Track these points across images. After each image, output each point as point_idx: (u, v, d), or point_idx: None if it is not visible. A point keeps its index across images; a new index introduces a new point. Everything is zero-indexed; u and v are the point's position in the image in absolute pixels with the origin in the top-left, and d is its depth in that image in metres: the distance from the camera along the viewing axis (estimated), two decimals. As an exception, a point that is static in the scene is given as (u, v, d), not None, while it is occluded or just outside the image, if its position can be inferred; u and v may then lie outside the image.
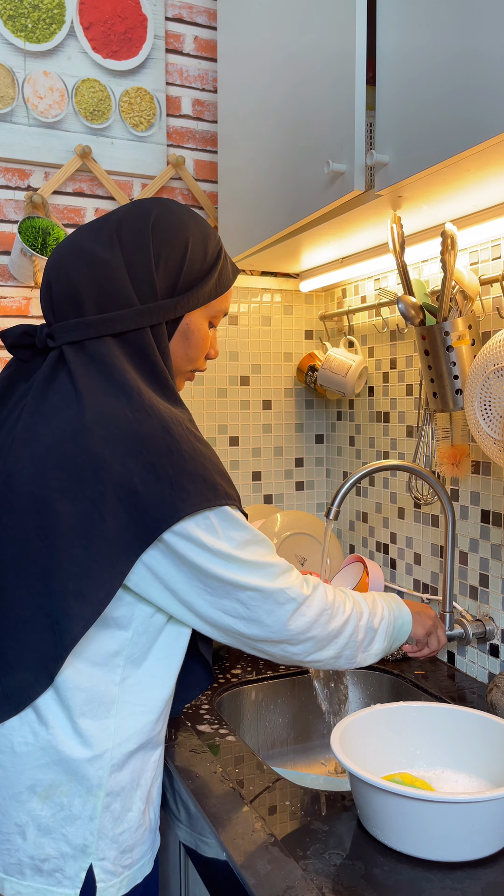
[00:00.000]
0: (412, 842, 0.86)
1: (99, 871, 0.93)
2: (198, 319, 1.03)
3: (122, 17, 1.72)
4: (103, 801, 0.93)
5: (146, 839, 0.99)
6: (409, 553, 1.64)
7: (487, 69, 0.88)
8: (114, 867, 0.94)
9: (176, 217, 1.00)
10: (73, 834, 0.92)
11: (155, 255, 0.97)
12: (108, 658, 0.94)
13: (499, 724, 1.00)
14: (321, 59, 1.23)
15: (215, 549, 0.90)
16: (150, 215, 0.99)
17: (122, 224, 0.98)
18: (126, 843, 0.95)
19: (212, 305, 1.04)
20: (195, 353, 1.04)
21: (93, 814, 0.93)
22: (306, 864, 0.85)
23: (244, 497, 1.91)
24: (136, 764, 0.96)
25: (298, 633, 0.96)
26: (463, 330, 1.26)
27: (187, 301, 1.00)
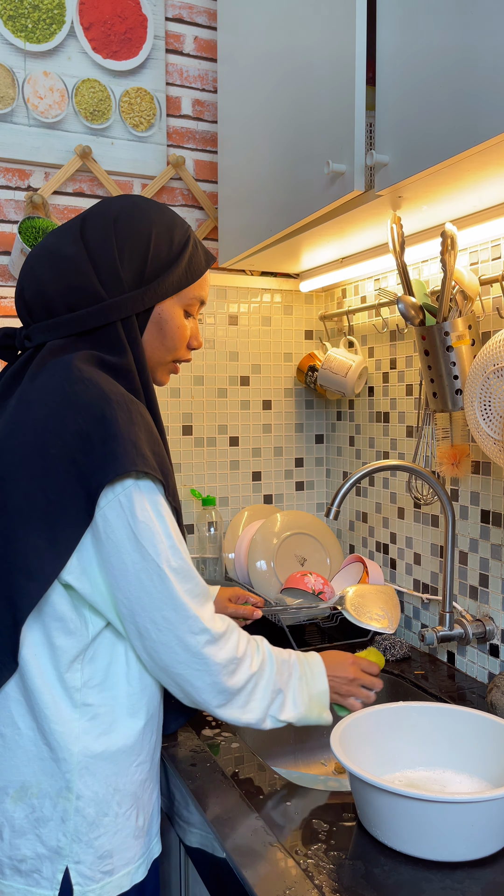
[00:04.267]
0: (412, 842, 0.86)
1: (75, 874, 0.93)
2: (171, 309, 1.03)
3: (122, 17, 1.72)
4: (74, 804, 0.93)
5: (131, 845, 0.97)
6: (409, 553, 1.64)
7: (487, 69, 0.88)
8: (91, 872, 0.94)
9: (139, 210, 1.01)
10: (46, 836, 0.93)
11: (118, 248, 0.98)
12: (70, 662, 0.94)
13: (499, 724, 1.00)
14: (321, 60, 1.23)
15: (141, 516, 0.90)
16: (113, 211, 1.01)
17: (85, 222, 1.00)
18: (104, 847, 0.94)
19: (184, 294, 1.04)
20: (171, 342, 1.04)
21: (64, 816, 0.93)
22: (306, 864, 0.85)
23: (244, 497, 1.91)
24: (110, 768, 0.95)
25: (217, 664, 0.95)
26: (463, 330, 1.26)
27: (156, 290, 1.00)
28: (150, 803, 1.02)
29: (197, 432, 1.85)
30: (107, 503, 0.89)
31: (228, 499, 1.89)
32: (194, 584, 0.94)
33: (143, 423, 0.92)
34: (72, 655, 0.94)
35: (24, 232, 1.55)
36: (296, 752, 1.44)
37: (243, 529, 1.83)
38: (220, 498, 1.88)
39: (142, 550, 0.90)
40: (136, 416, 0.91)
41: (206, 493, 1.86)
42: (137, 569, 0.90)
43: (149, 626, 0.92)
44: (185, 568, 0.93)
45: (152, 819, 1.02)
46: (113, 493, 0.89)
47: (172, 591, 0.91)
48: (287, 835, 0.91)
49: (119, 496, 0.89)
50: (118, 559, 0.90)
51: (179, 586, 0.91)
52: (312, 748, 1.45)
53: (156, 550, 0.90)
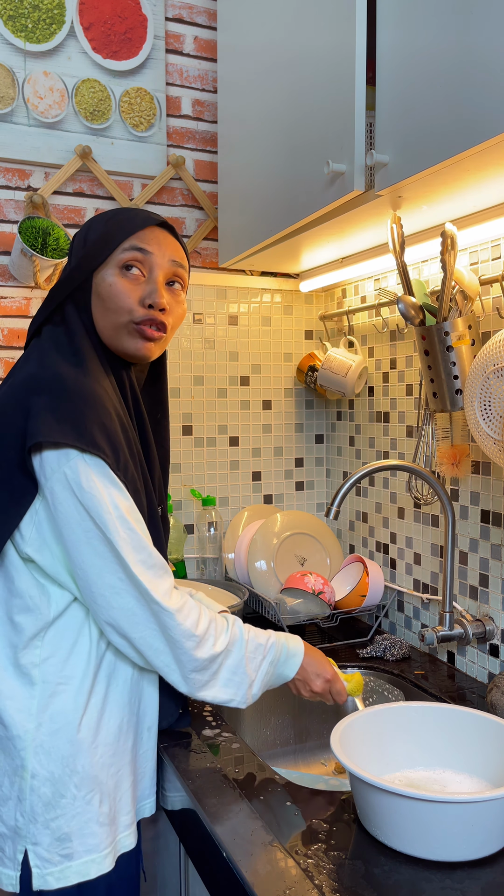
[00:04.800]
0: (412, 842, 0.86)
1: (33, 855, 0.94)
2: (104, 274, 1.04)
3: (122, 17, 1.72)
4: (29, 783, 0.94)
5: (95, 832, 0.97)
6: (409, 553, 1.64)
7: (487, 69, 0.88)
8: (49, 854, 0.94)
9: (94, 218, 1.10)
10: (5, 814, 0.96)
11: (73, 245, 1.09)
12: (29, 639, 0.96)
13: (499, 724, 1.00)
14: (321, 59, 1.23)
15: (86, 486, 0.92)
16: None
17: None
18: (61, 830, 0.95)
19: (116, 253, 1.03)
20: (111, 303, 1.03)
21: (20, 795, 0.95)
22: (306, 864, 0.85)
23: (244, 497, 1.91)
24: (67, 748, 0.95)
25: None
26: (463, 330, 1.26)
27: (82, 263, 1.05)
28: (119, 792, 1.01)
29: (197, 432, 1.85)
30: (52, 475, 0.92)
31: (228, 499, 1.89)
32: (146, 555, 0.95)
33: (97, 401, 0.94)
34: (31, 633, 0.96)
35: (24, 232, 1.55)
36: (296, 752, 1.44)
37: (243, 529, 1.83)
38: (220, 498, 1.88)
39: (89, 521, 0.92)
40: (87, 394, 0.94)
41: (206, 493, 1.86)
42: (89, 538, 0.92)
43: (105, 593, 0.93)
44: (136, 538, 0.94)
45: (121, 809, 1.01)
46: (58, 465, 0.92)
47: (123, 560, 0.92)
48: (287, 835, 0.91)
49: (64, 468, 0.92)
50: (69, 530, 0.92)
51: (131, 556, 0.93)
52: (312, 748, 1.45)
53: (103, 520, 0.92)
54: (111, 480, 0.94)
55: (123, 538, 0.93)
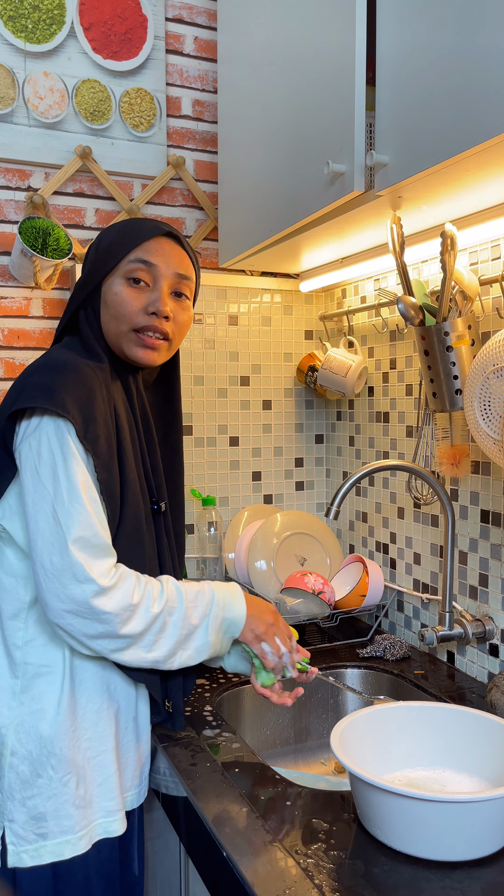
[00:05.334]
0: (412, 842, 0.86)
1: (9, 833, 0.97)
2: (111, 285, 1.08)
3: (123, 17, 1.72)
4: (8, 759, 0.97)
5: (70, 814, 0.99)
6: (409, 553, 1.64)
7: (487, 69, 0.88)
8: (24, 832, 0.97)
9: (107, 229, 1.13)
10: None
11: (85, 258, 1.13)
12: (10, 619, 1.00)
13: (499, 724, 1.00)
14: (321, 60, 1.23)
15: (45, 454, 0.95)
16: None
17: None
18: (37, 809, 0.97)
19: (122, 263, 1.07)
20: (116, 310, 1.07)
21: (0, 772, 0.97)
22: (306, 864, 0.85)
23: (244, 497, 1.91)
24: (47, 731, 0.97)
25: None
26: (462, 330, 1.26)
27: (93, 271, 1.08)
28: (100, 777, 1.03)
29: (197, 432, 1.85)
30: (21, 440, 0.96)
31: (228, 499, 1.89)
32: (90, 532, 0.95)
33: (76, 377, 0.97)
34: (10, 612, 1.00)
35: (24, 232, 1.55)
36: (296, 752, 1.45)
37: (243, 529, 1.83)
38: (220, 498, 1.88)
39: (39, 488, 0.94)
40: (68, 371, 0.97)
41: (206, 493, 1.86)
42: (36, 508, 0.94)
43: (39, 572, 0.94)
44: (80, 513, 0.94)
45: (100, 794, 1.03)
46: (27, 431, 0.96)
47: (61, 535, 0.93)
48: (287, 835, 0.92)
49: (30, 435, 0.95)
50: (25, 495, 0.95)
51: (71, 530, 0.93)
52: (312, 748, 1.45)
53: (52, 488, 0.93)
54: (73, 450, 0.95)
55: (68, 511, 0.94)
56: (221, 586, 1.08)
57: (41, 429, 0.95)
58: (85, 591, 0.93)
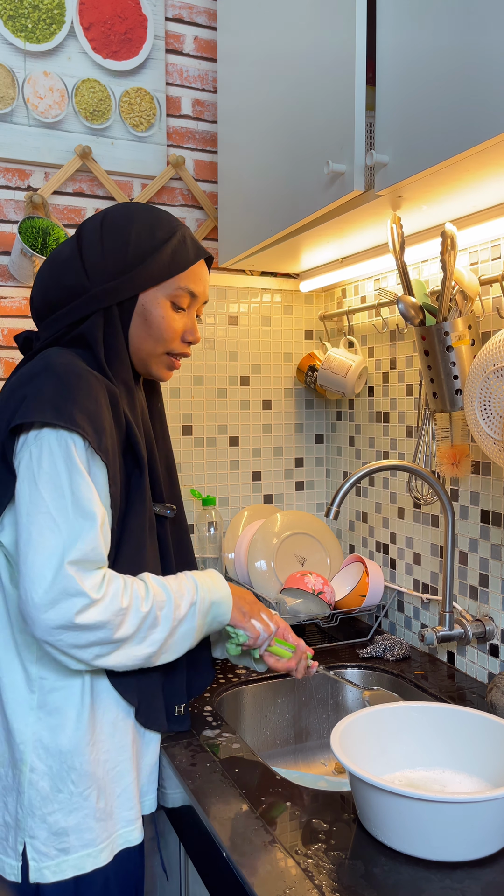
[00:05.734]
0: (412, 842, 0.86)
1: (30, 848, 0.96)
2: (155, 300, 1.04)
3: (122, 17, 1.72)
4: (28, 776, 0.95)
5: (91, 827, 0.98)
6: (409, 553, 1.64)
7: (487, 69, 0.88)
8: (45, 848, 0.96)
9: (124, 209, 1.07)
10: (10, 804, 0.97)
11: (102, 243, 1.04)
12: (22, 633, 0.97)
13: (499, 724, 1.00)
14: (321, 60, 1.23)
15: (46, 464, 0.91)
16: (102, 213, 1.08)
17: (81, 228, 1.08)
18: (58, 825, 0.96)
19: (169, 285, 1.05)
20: (157, 333, 1.06)
21: (20, 788, 0.96)
22: (306, 864, 0.85)
23: (244, 497, 1.91)
24: (66, 745, 0.96)
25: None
26: (463, 330, 1.26)
27: (133, 280, 1.02)
28: (118, 787, 1.02)
29: (197, 432, 1.85)
30: (20, 448, 0.93)
31: (228, 499, 1.89)
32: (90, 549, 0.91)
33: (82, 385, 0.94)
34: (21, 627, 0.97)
35: (24, 232, 1.55)
36: (296, 752, 1.45)
37: (243, 529, 1.83)
38: (220, 498, 1.88)
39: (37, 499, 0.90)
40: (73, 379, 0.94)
41: (206, 493, 1.86)
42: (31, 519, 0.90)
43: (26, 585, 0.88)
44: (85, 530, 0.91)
45: (120, 805, 1.02)
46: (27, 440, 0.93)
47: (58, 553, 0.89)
48: (287, 835, 0.91)
49: (31, 444, 0.92)
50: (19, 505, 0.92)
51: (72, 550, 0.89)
52: (312, 748, 1.45)
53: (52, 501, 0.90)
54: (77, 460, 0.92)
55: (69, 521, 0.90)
56: (200, 573, 1.07)
57: (42, 439, 0.92)
58: (76, 605, 0.89)
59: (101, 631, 0.91)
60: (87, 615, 0.89)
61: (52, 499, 0.90)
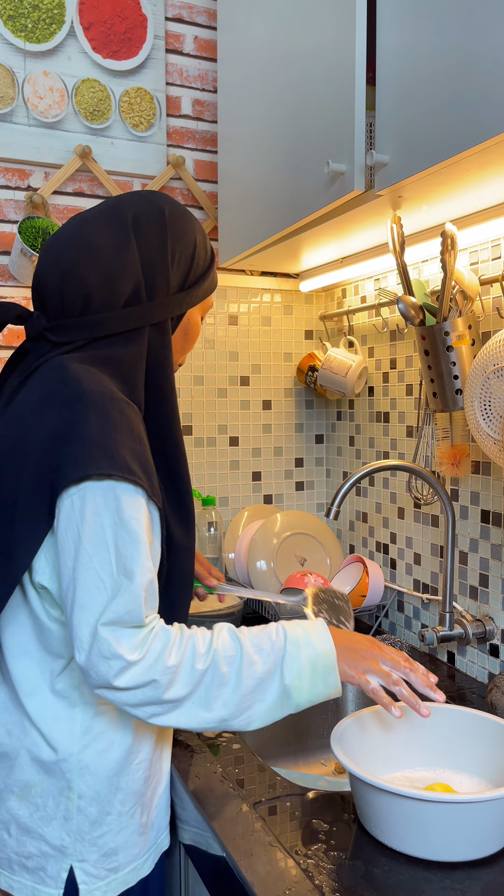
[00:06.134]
0: (412, 842, 0.86)
1: (80, 872, 0.93)
2: (196, 314, 1.04)
3: (122, 17, 1.72)
4: (76, 803, 0.93)
5: (136, 842, 0.97)
6: (409, 553, 1.64)
7: (488, 69, 0.88)
8: (96, 870, 0.94)
9: (184, 213, 1.01)
10: (50, 834, 0.93)
11: (171, 252, 0.96)
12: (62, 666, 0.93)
13: (499, 724, 1.00)
14: (321, 60, 1.23)
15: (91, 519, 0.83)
16: (165, 211, 0.98)
17: (138, 219, 0.96)
18: (108, 846, 0.94)
19: (206, 301, 1.06)
20: (189, 346, 1.06)
21: (67, 815, 0.93)
22: (306, 864, 0.85)
23: (244, 497, 1.91)
24: (113, 768, 0.94)
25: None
26: (463, 330, 1.26)
27: (192, 296, 1.00)
28: (156, 799, 1.01)
29: (197, 432, 1.85)
30: (62, 502, 0.84)
31: (228, 499, 1.89)
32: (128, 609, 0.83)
33: (125, 424, 0.86)
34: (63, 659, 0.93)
35: (24, 232, 1.54)
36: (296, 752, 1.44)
37: (243, 529, 1.83)
38: (220, 498, 1.88)
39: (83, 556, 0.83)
40: (115, 415, 0.85)
41: (206, 493, 1.86)
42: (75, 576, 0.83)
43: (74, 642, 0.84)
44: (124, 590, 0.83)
45: (159, 814, 1.02)
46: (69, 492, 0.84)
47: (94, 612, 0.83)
48: (287, 835, 0.91)
49: (73, 496, 0.83)
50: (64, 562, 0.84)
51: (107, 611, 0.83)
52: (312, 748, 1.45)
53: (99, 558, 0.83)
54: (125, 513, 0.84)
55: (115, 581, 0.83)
56: (296, 623, 0.94)
57: (86, 489, 0.83)
58: (112, 668, 0.83)
59: (147, 690, 0.84)
60: (124, 678, 0.83)
61: (97, 554, 0.83)
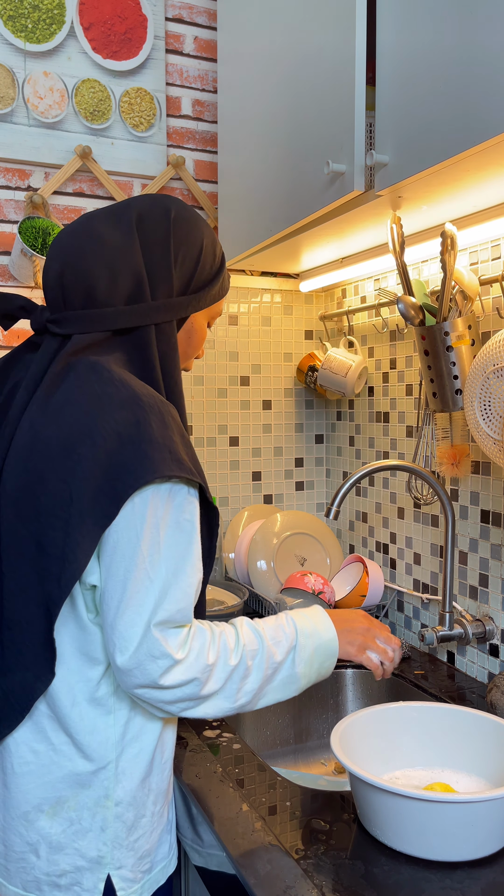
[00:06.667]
0: (412, 842, 0.86)
1: (117, 879, 0.93)
2: (201, 319, 1.04)
3: (122, 17, 1.72)
4: (113, 811, 0.92)
5: (164, 840, 0.98)
6: (409, 553, 1.64)
7: (487, 69, 0.88)
8: (133, 874, 0.93)
9: (193, 216, 1.01)
10: (86, 847, 0.91)
11: (175, 252, 0.96)
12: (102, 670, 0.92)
13: (499, 724, 1.00)
14: (321, 60, 1.23)
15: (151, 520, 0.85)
16: (171, 212, 0.98)
17: (143, 218, 0.97)
18: (143, 848, 0.94)
19: (214, 307, 1.05)
20: (192, 351, 1.06)
21: (104, 825, 0.92)
22: (306, 864, 0.85)
23: (244, 497, 1.91)
24: (145, 769, 0.94)
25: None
26: (463, 330, 1.26)
27: (198, 300, 1.00)
28: (171, 794, 1.02)
29: (197, 432, 1.85)
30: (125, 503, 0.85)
31: (228, 499, 1.89)
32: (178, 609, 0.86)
33: (176, 426, 0.89)
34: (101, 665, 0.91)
35: (24, 232, 1.55)
36: (296, 752, 1.44)
37: (243, 529, 1.83)
38: (220, 498, 1.88)
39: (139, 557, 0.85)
40: (169, 419, 0.88)
41: (206, 493, 1.86)
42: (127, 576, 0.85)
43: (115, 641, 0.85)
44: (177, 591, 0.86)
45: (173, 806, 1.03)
46: (154, 497, 0.85)
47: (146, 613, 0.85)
48: (287, 835, 0.91)
49: (135, 498, 0.84)
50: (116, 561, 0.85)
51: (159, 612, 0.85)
52: (312, 748, 1.45)
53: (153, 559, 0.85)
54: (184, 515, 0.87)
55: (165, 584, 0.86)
56: (301, 612, 1.00)
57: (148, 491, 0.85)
58: (161, 667, 0.85)
59: (187, 688, 0.88)
60: (170, 676, 0.86)
61: (151, 554, 0.85)
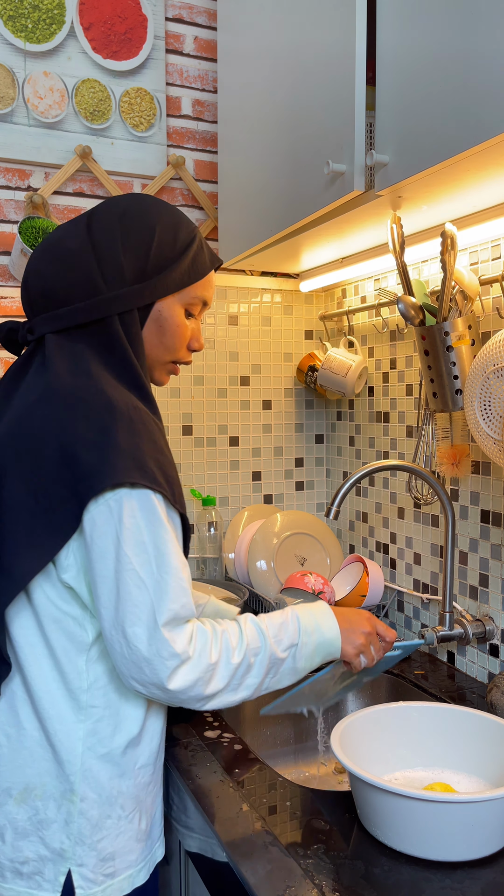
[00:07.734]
0: (412, 842, 0.86)
1: (77, 877, 0.93)
2: (171, 307, 1.01)
3: (122, 17, 1.72)
4: (78, 806, 0.93)
5: (133, 848, 0.97)
6: (409, 553, 1.64)
7: (487, 69, 0.88)
8: (93, 875, 0.93)
9: (146, 205, 1.01)
10: (49, 837, 0.93)
11: (122, 242, 0.97)
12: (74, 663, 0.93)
13: (499, 724, 1.00)
14: (321, 60, 1.23)
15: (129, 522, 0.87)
16: (120, 207, 1.00)
17: (92, 217, 1.00)
18: (106, 850, 0.94)
19: (186, 293, 1.02)
20: (171, 341, 1.03)
21: (68, 819, 0.93)
22: (306, 864, 0.85)
23: (244, 497, 1.91)
24: (114, 770, 0.94)
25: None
26: (463, 330, 1.26)
27: (156, 286, 0.99)
28: (153, 807, 1.01)
29: (197, 432, 1.85)
30: (96, 507, 0.87)
31: (228, 499, 1.89)
32: (181, 605, 0.88)
33: (146, 432, 0.90)
34: (74, 657, 0.93)
35: (24, 232, 1.55)
36: (296, 752, 1.44)
37: (243, 529, 1.83)
38: (220, 498, 1.88)
39: (124, 558, 0.86)
40: (139, 426, 0.89)
41: (206, 493, 1.86)
42: (118, 578, 0.86)
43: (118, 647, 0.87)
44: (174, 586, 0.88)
45: (155, 822, 1.02)
46: (104, 497, 0.87)
47: (151, 614, 0.87)
48: (287, 835, 0.91)
49: (109, 501, 0.87)
50: (101, 565, 0.87)
51: (164, 611, 0.87)
52: (312, 748, 1.45)
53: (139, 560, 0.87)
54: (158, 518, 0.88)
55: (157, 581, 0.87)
56: (306, 609, 1.01)
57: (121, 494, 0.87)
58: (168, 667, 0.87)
59: (191, 690, 0.89)
60: (176, 677, 0.87)
61: (136, 555, 0.87)
